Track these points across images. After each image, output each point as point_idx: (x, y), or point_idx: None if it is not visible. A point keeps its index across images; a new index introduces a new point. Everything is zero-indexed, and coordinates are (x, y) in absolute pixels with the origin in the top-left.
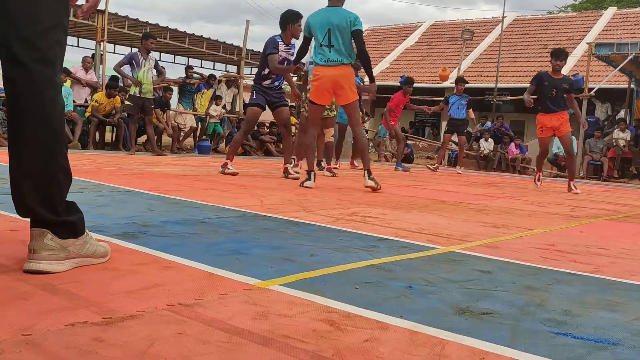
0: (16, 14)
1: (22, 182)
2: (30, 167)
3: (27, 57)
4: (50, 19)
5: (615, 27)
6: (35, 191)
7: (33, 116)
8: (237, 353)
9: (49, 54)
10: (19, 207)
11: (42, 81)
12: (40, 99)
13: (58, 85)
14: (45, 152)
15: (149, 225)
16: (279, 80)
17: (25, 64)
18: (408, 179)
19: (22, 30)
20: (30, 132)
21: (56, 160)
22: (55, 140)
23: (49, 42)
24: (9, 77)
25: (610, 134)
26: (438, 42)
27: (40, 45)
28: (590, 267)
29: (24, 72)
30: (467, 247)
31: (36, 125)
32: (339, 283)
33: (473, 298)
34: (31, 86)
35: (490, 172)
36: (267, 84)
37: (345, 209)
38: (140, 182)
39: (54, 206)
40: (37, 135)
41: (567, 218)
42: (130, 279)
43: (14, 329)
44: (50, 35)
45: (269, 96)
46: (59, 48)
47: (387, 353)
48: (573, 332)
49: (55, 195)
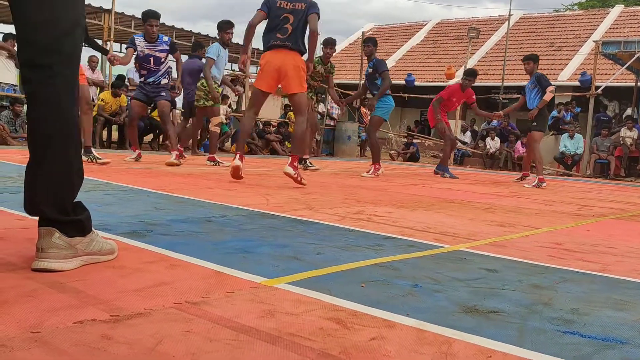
0: (38, 19)
1: (38, 182)
2: (48, 167)
3: (49, 60)
4: (70, 21)
5: (623, 25)
6: (49, 191)
7: (52, 118)
8: (244, 351)
9: (70, 57)
10: (29, 206)
11: (63, 84)
12: (59, 102)
13: (76, 87)
14: (63, 153)
15: (155, 223)
16: (152, 76)
17: (47, 67)
18: (413, 178)
19: (43, 35)
20: (49, 133)
21: (72, 161)
22: (72, 142)
23: (70, 45)
24: (29, 79)
25: (617, 133)
26: (444, 41)
27: (62, 49)
28: (598, 266)
29: (44, 75)
30: (474, 245)
31: (55, 126)
32: (346, 281)
33: (480, 297)
34: (51, 89)
35: (496, 170)
36: (142, 80)
37: (351, 208)
38: (146, 180)
39: (64, 206)
40: (56, 137)
41: (574, 217)
42: (137, 277)
43: (22, 326)
44: (71, 37)
45: (146, 91)
46: (79, 49)
47: (393, 351)
48: (580, 331)
49: (67, 196)
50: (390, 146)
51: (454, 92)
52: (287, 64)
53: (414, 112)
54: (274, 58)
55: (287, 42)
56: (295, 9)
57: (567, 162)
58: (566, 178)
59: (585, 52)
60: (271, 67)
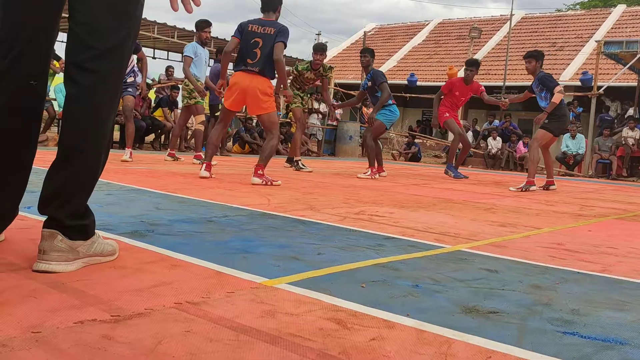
0: (99, 25)
1: (61, 180)
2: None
3: (100, 67)
4: (126, 30)
5: (625, 25)
6: (69, 191)
7: (90, 122)
8: (244, 351)
9: (120, 65)
10: (41, 204)
11: (107, 91)
12: (100, 108)
13: (118, 95)
14: (93, 158)
15: (156, 223)
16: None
17: (96, 72)
18: (415, 178)
19: (100, 41)
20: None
21: (99, 168)
22: (104, 148)
23: (121, 54)
24: (76, 81)
25: (619, 133)
26: (446, 41)
27: (114, 57)
28: (599, 266)
29: (92, 80)
30: (474, 246)
31: (92, 131)
32: (346, 282)
33: (480, 297)
34: (95, 95)
35: (498, 170)
36: None
37: (352, 208)
38: (148, 180)
39: (77, 209)
40: (90, 141)
41: (575, 217)
42: (138, 277)
43: (23, 326)
44: (123, 46)
45: None
46: (128, 58)
47: (393, 352)
48: (580, 332)
49: (84, 199)
50: (391, 146)
51: (455, 86)
52: (253, 88)
53: (416, 112)
54: (242, 80)
55: (255, 67)
56: (265, 33)
57: (568, 162)
58: (568, 178)
59: (587, 52)
60: (238, 88)
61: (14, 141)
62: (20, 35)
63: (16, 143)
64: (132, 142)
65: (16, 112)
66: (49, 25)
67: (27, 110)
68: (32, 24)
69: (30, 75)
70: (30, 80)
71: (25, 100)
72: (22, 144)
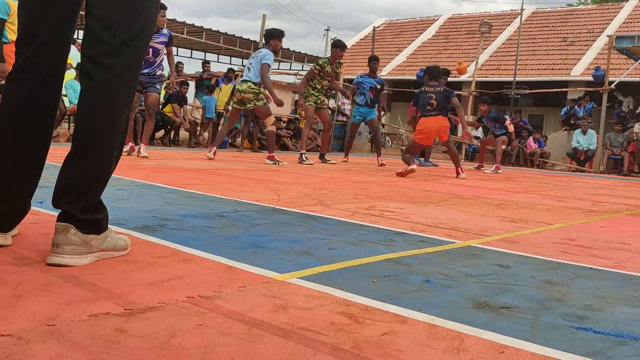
0: (113, 20)
1: (75, 173)
2: (88, 162)
3: (114, 62)
4: (141, 24)
5: (637, 20)
6: (82, 184)
7: (104, 116)
8: (257, 345)
9: (134, 60)
10: (56, 198)
11: (122, 86)
12: (115, 102)
13: (133, 89)
14: (106, 152)
15: (167, 218)
16: (148, 67)
17: (111, 67)
18: (425, 174)
19: (114, 36)
20: (99, 130)
21: (113, 162)
22: (117, 143)
23: (136, 49)
24: (91, 76)
25: (630, 128)
26: (455, 36)
27: (128, 52)
28: (611, 262)
29: (107, 75)
30: (486, 241)
31: (106, 125)
32: (357, 277)
33: (492, 292)
34: (110, 89)
35: (507, 166)
36: None
37: (362, 203)
38: (158, 176)
39: (90, 203)
40: (104, 135)
41: (587, 213)
42: (150, 271)
43: (38, 319)
44: (138, 41)
45: (140, 80)
46: (143, 53)
47: (405, 346)
48: (593, 327)
49: (97, 194)
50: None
51: None
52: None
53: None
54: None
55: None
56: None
57: (579, 157)
58: (579, 174)
59: (599, 47)
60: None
61: (32, 137)
62: (43, 27)
63: (33, 139)
64: (148, 139)
65: (35, 108)
66: (70, 17)
67: (45, 104)
68: (53, 17)
69: (53, 66)
70: (52, 71)
71: (45, 92)
72: (38, 139)
